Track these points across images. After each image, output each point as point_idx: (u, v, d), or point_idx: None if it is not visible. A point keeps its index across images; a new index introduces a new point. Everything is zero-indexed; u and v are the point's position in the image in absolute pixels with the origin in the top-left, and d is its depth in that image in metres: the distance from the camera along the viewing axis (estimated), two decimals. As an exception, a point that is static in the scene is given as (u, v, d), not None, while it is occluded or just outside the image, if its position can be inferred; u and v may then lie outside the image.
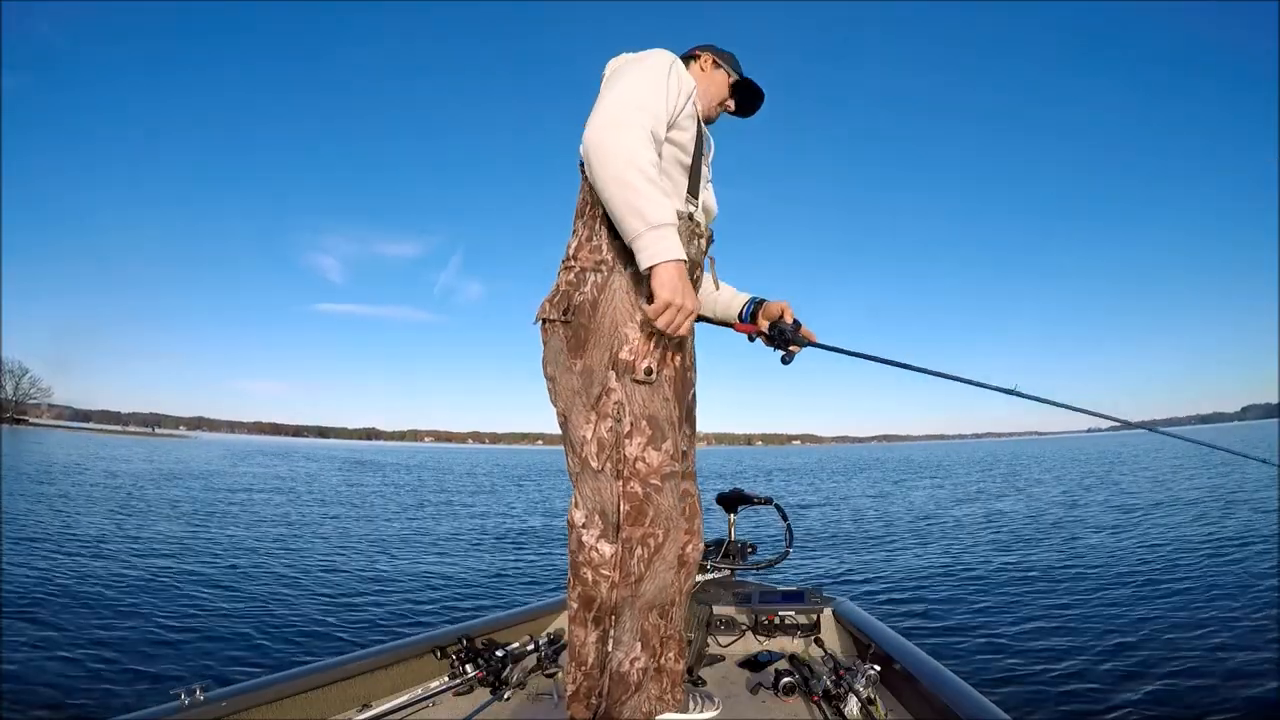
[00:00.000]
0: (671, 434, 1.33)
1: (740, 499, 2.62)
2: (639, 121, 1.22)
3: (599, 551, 1.32)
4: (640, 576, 1.30)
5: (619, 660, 1.30)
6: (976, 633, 4.59)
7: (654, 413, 1.30)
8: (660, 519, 1.31)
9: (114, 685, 3.49)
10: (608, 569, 1.31)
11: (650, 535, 1.30)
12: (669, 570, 1.33)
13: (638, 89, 1.27)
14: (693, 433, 1.50)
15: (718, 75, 1.58)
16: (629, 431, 1.29)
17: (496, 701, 1.80)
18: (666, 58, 1.36)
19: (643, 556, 1.29)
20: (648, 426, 1.30)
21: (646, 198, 1.18)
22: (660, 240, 1.19)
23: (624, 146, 1.19)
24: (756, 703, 1.79)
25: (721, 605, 2.26)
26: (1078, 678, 3.68)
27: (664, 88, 1.30)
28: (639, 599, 1.30)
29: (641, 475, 1.29)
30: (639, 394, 1.29)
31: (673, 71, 1.34)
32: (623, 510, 1.29)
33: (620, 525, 1.30)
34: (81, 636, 4.29)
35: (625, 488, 1.29)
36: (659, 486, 1.31)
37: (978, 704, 1.48)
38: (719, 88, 1.58)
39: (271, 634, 4.58)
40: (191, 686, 1.47)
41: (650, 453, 1.29)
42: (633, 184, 1.18)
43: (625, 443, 1.29)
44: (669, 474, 1.32)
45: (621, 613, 1.30)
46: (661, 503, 1.31)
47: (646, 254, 1.20)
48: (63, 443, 41.66)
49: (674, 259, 1.19)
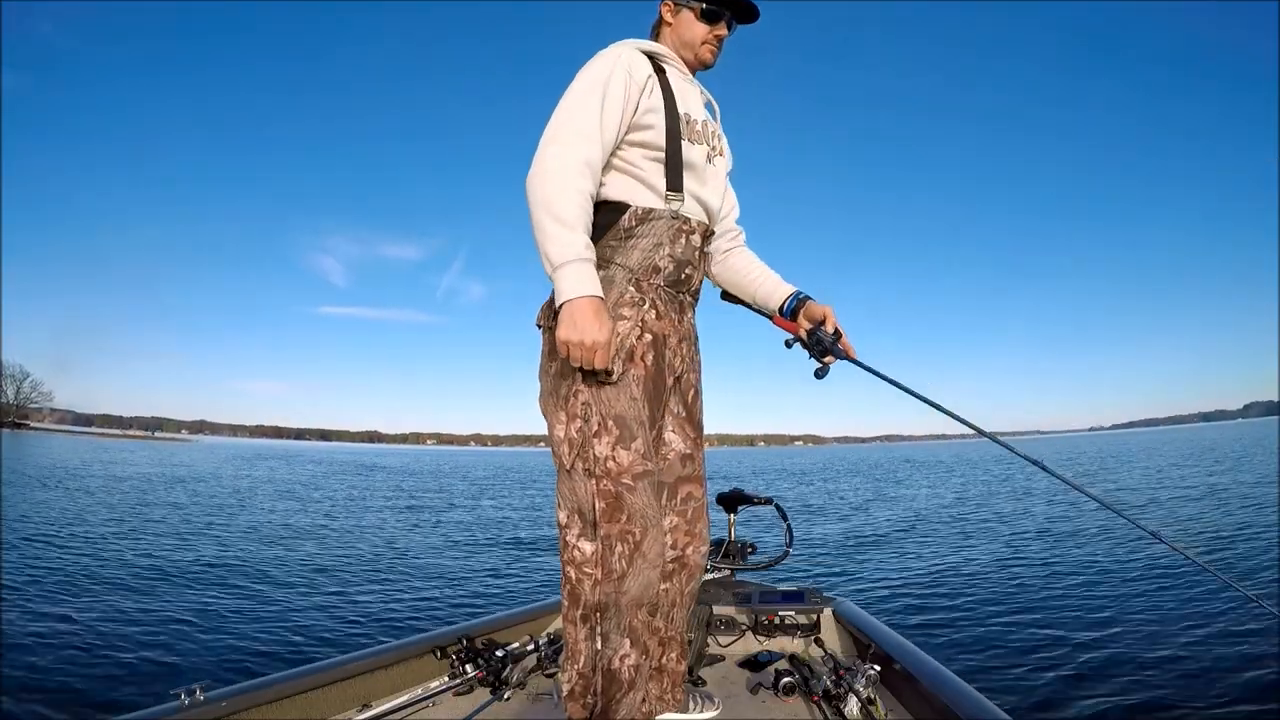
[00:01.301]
0: (641, 433, 1.31)
1: (740, 499, 2.62)
2: (556, 159, 1.26)
3: (580, 550, 1.32)
4: (623, 574, 1.30)
5: (608, 658, 1.31)
6: (976, 633, 4.58)
7: (621, 412, 1.30)
8: (636, 517, 1.30)
9: (114, 685, 3.49)
10: (590, 567, 1.31)
11: (628, 532, 1.30)
12: (652, 568, 1.32)
13: (562, 118, 1.29)
14: (697, 435, 1.47)
15: (683, 16, 1.48)
16: (596, 431, 1.30)
17: (496, 701, 1.80)
18: (602, 67, 1.34)
19: (623, 553, 1.30)
20: (615, 426, 1.30)
21: (551, 238, 1.23)
22: (561, 279, 1.23)
23: (537, 189, 1.25)
24: (756, 703, 1.79)
25: (721, 605, 2.26)
26: (1078, 677, 3.67)
27: (597, 106, 1.30)
28: (624, 595, 1.30)
29: (613, 475, 1.30)
30: (605, 394, 1.30)
31: (611, 79, 1.32)
32: (598, 508, 1.30)
33: (597, 523, 1.30)
34: (82, 637, 4.29)
35: (598, 486, 1.30)
36: (631, 486, 1.30)
37: (978, 704, 1.48)
38: (690, 28, 1.47)
39: (271, 634, 4.58)
40: (191, 686, 1.47)
41: (620, 452, 1.30)
42: (541, 225, 1.24)
43: (594, 442, 1.30)
44: (641, 473, 1.31)
45: (607, 610, 1.30)
46: (635, 501, 1.31)
47: (556, 292, 1.25)
48: (61, 447, 41.69)
49: (572, 298, 1.22)
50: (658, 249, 1.37)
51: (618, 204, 1.37)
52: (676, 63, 1.47)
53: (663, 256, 1.38)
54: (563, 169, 1.25)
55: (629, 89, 1.33)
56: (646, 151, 1.38)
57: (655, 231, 1.37)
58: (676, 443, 1.41)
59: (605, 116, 1.30)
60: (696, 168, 1.42)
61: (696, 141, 1.42)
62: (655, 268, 1.37)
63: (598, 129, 1.29)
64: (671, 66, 1.46)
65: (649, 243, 1.36)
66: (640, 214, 1.36)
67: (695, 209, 1.44)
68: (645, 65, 1.38)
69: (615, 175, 1.38)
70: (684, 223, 1.41)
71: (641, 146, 1.37)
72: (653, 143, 1.37)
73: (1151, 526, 1.52)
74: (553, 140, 1.28)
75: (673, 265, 1.39)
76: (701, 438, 1.49)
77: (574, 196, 1.25)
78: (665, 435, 1.40)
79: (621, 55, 1.35)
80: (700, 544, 1.46)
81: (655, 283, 1.37)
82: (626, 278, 1.34)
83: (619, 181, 1.38)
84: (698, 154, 1.42)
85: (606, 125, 1.30)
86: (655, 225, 1.37)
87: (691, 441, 1.44)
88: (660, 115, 1.37)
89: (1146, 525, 1.54)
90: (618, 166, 1.38)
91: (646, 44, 1.44)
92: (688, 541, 1.44)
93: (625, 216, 1.36)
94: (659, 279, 1.38)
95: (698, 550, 1.46)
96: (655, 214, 1.37)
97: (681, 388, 1.44)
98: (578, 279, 1.22)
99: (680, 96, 1.41)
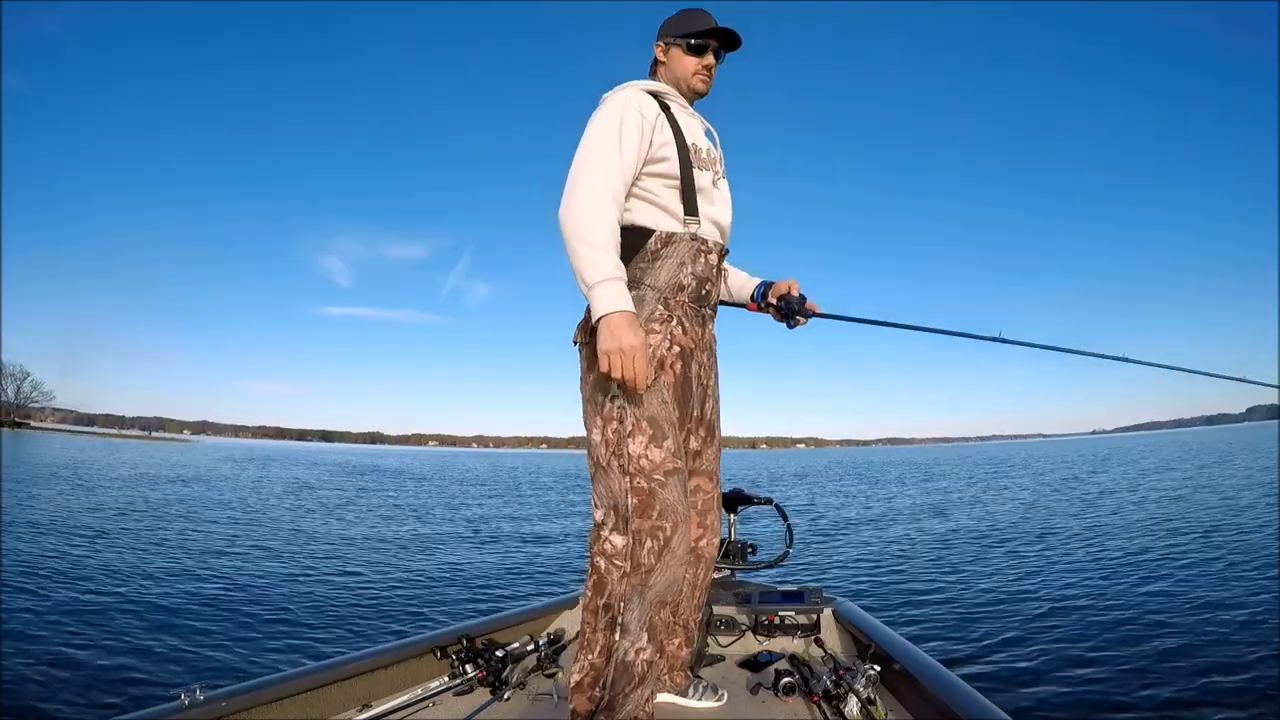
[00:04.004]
0: (672, 433, 1.44)
1: (740, 499, 2.61)
2: (583, 191, 1.41)
3: (612, 543, 1.42)
4: (650, 568, 1.39)
5: (625, 649, 1.38)
6: (976, 633, 4.58)
7: (654, 414, 1.43)
8: (668, 512, 1.40)
9: (114, 685, 3.48)
10: (620, 559, 1.40)
11: (659, 528, 1.40)
12: (679, 565, 1.42)
13: (585, 155, 1.45)
14: (708, 436, 1.65)
15: (674, 54, 1.65)
16: (631, 431, 1.42)
17: (496, 701, 1.80)
18: (615, 108, 1.49)
19: (652, 549, 1.39)
20: (648, 426, 1.42)
21: (586, 261, 1.37)
22: (597, 298, 1.36)
23: (569, 219, 1.40)
24: (756, 703, 1.79)
25: (721, 605, 2.25)
26: (1078, 677, 3.67)
27: (615, 142, 1.45)
28: (649, 590, 1.39)
29: (646, 471, 1.41)
30: (638, 398, 1.42)
31: (625, 119, 1.47)
32: (630, 504, 1.40)
33: (630, 518, 1.40)
34: (81, 637, 4.30)
35: (632, 483, 1.41)
36: (663, 482, 1.41)
37: (978, 704, 1.48)
38: (681, 64, 1.65)
39: (272, 634, 4.58)
40: (191, 687, 1.47)
41: (653, 450, 1.41)
42: (576, 251, 1.38)
43: (629, 441, 1.41)
44: (672, 470, 1.43)
45: (630, 601, 1.39)
46: (667, 497, 1.41)
47: (592, 310, 1.38)
48: (58, 447, 41.74)
49: (607, 312, 1.34)
50: (682, 268, 1.53)
51: (643, 229, 1.52)
52: (677, 97, 1.63)
53: (686, 275, 1.53)
54: (589, 200, 1.40)
55: (642, 127, 1.49)
56: (664, 181, 1.53)
57: (678, 253, 1.53)
58: (690, 441, 1.59)
59: (624, 152, 1.46)
60: (707, 191, 1.58)
61: (704, 168, 1.58)
62: (680, 285, 1.53)
63: (618, 163, 1.45)
64: (674, 102, 1.61)
65: (673, 263, 1.52)
66: (664, 238, 1.52)
67: (711, 230, 1.60)
68: (653, 104, 1.54)
69: (638, 204, 1.53)
70: (702, 244, 1.56)
71: (659, 176, 1.53)
72: (669, 173, 1.53)
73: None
74: (579, 175, 1.43)
75: (695, 283, 1.55)
76: (713, 438, 1.67)
77: (602, 224, 1.40)
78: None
79: (631, 97, 1.52)
80: (713, 535, 1.67)
81: (681, 299, 1.53)
82: (656, 297, 1.50)
83: (642, 209, 1.53)
84: (706, 179, 1.59)
85: (625, 160, 1.46)
86: (678, 248, 1.53)
87: (703, 440, 1.63)
88: (673, 147, 1.53)
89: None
90: (640, 195, 1.53)
91: (649, 84, 1.61)
92: (701, 534, 1.65)
93: (651, 240, 1.52)
94: (684, 296, 1.53)
95: (711, 543, 1.66)
96: (677, 238, 1.53)
97: (705, 393, 1.62)
98: (612, 296, 1.35)
99: (686, 128, 1.57)
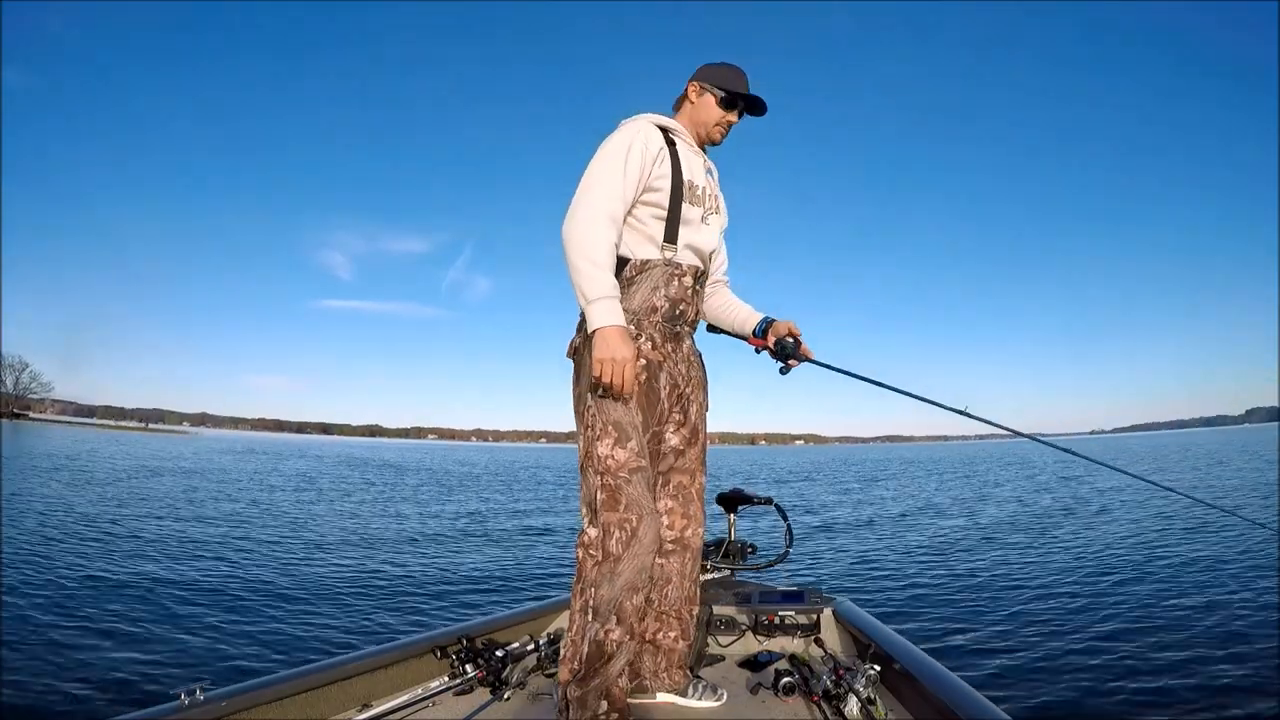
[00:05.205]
0: (635, 435, 1.58)
1: (740, 499, 2.61)
2: (587, 211, 1.54)
3: (588, 535, 1.58)
4: (619, 557, 1.54)
5: (595, 630, 1.54)
6: (977, 633, 4.59)
7: (618, 419, 1.58)
8: (633, 506, 1.55)
9: (114, 685, 3.48)
10: (594, 549, 1.56)
11: (625, 520, 1.54)
12: (647, 554, 1.56)
13: (592, 179, 1.58)
14: (691, 436, 1.77)
15: (705, 100, 1.78)
16: (599, 435, 1.58)
17: (496, 701, 1.80)
18: (625, 136, 1.62)
19: (620, 539, 1.54)
20: (613, 430, 1.57)
21: (586, 277, 1.51)
22: (594, 312, 1.50)
23: (571, 237, 1.53)
24: (756, 703, 1.79)
25: (721, 605, 2.25)
26: (1078, 677, 3.68)
27: (620, 170, 1.58)
28: (618, 577, 1.54)
29: (612, 470, 1.56)
30: (606, 404, 1.58)
31: (631, 149, 1.60)
32: (599, 499, 1.56)
33: (599, 512, 1.56)
34: (81, 637, 4.30)
35: (601, 480, 1.57)
36: (628, 479, 1.56)
37: (978, 704, 1.48)
38: (708, 110, 1.77)
39: (272, 634, 4.58)
40: (191, 686, 1.47)
41: (618, 451, 1.57)
42: (578, 267, 1.52)
43: (597, 444, 1.58)
44: (635, 468, 1.57)
45: (601, 587, 1.54)
46: (632, 492, 1.56)
47: (589, 323, 1.52)
48: (57, 438, 41.74)
49: (603, 325, 1.49)
50: (655, 292, 1.66)
51: (622, 258, 1.64)
52: (686, 136, 1.75)
53: (660, 298, 1.66)
54: (593, 220, 1.54)
55: (645, 158, 1.62)
56: (653, 210, 1.65)
57: (652, 278, 1.66)
58: (673, 440, 1.74)
59: (627, 179, 1.59)
60: (692, 224, 1.70)
61: (695, 204, 1.71)
62: (653, 307, 1.66)
63: (620, 188, 1.58)
64: (680, 139, 1.73)
65: (646, 288, 1.65)
66: (639, 265, 1.65)
67: (687, 255, 1.71)
68: (659, 138, 1.66)
69: (625, 230, 1.64)
70: (676, 268, 1.69)
71: (650, 206, 1.65)
72: (659, 203, 1.65)
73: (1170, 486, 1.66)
74: (585, 195, 1.57)
75: (668, 304, 1.68)
76: (696, 439, 1.78)
77: (603, 243, 1.54)
78: (665, 435, 1.72)
79: (640, 129, 1.64)
80: (697, 526, 1.79)
81: (654, 320, 1.66)
82: (629, 318, 1.60)
83: (627, 235, 1.65)
84: (695, 214, 1.71)
85: (627, 186, 1.59)
86: (652, 273, 1.66)
87: (686, 440, 1.76)
88: (668, 181, 1.66)
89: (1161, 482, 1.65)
90: (628, 222, 1.65)
91: (660, 118, 1.72)
92: (685, 524, 1.77)
93: (627, 268, 1.64)
94: (657, 316, 1.67)
95: (695, 532, 1.79)
96: (651, 264, 1.66)
97: (684, 399, 1.74)
98: (608, 311, 1.50)
99: (686, 165, 1.70)
